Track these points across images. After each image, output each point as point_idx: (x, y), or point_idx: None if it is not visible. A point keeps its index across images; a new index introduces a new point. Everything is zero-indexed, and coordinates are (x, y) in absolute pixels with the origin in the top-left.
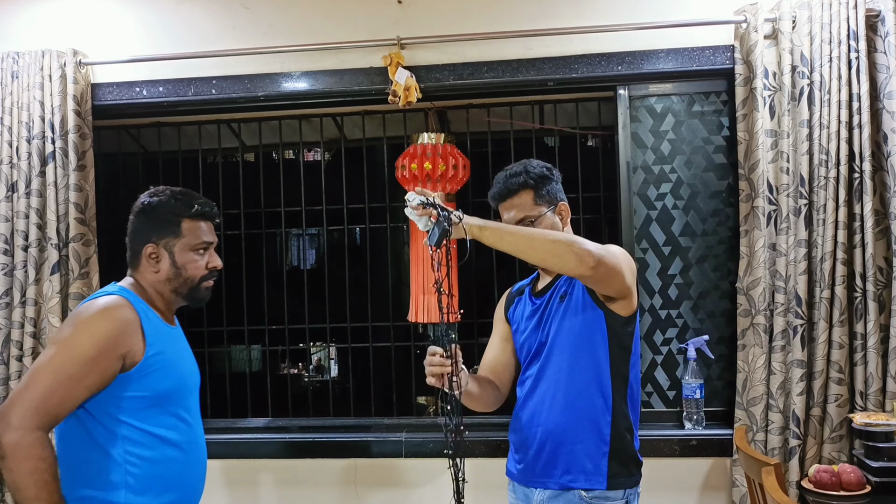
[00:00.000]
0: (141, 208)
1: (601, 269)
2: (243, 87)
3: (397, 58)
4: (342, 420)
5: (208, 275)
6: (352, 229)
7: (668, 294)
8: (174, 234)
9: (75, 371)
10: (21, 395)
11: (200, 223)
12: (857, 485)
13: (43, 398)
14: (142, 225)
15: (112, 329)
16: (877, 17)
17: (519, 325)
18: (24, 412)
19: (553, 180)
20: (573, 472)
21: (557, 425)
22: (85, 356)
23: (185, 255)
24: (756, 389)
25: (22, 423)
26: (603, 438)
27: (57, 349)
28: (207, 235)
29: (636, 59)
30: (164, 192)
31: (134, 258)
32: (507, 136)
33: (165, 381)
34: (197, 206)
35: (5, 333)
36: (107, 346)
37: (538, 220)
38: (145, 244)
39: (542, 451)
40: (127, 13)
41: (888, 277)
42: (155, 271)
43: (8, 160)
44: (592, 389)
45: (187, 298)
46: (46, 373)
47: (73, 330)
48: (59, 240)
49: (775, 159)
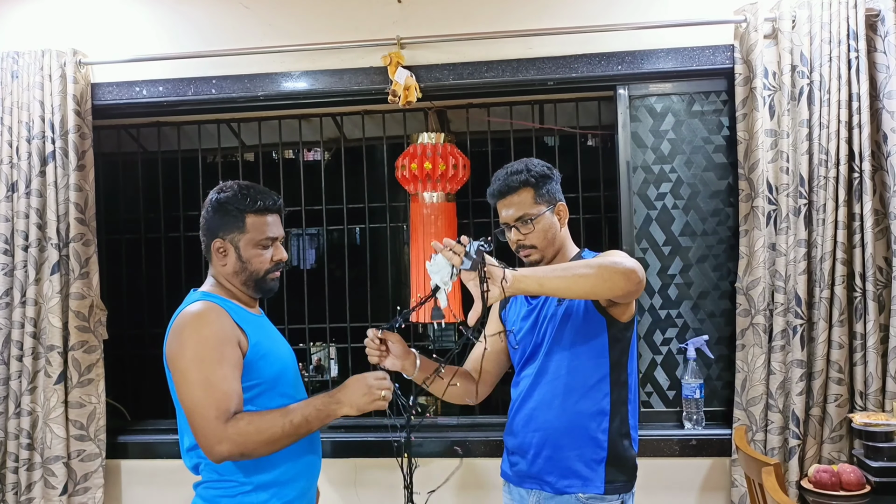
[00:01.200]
0: (209, 204)
1: (643, 280)
2: (243, 87)
3: (397, 57)
4: (342, 420)
5: (274, 267)
6: (352, 229)
7: (668, 294)
8: (239, 229)
9: (217, 362)
10: (197, 420)
11: (266, 217)
12: (857, 485)
13: (213, 404)
14: (210, 220)
15: (216, 321)
16: (876, 17)
17: (513, 325)
18: (210, 427)
19: (553, 180)
20: (569, 478)
21: (555, 429)
22: (215, 347)
23: (250, 250)
24: (756, 389)
25: (216, 435)
26: (600, 444)
27: (189, 363)
28: (272, 230)
29: (636, 58)
30: (230, 186)
31: (207, 252)
32: (507, 135)
33: (271, 366)
34: (260, 201)
35: (5, 333)
36: (223, 334)
37: (537, 218)
38: (213, 239)
39: (538, 455)
40: (127, 13)
41: (888, 277)
42: (223, 265)
43: (8, 160)
44: (591, 394)
45: (256, 290)
46: (199, 386)
47: (188, 341)
48: (59, 240)
49: (775, 159)
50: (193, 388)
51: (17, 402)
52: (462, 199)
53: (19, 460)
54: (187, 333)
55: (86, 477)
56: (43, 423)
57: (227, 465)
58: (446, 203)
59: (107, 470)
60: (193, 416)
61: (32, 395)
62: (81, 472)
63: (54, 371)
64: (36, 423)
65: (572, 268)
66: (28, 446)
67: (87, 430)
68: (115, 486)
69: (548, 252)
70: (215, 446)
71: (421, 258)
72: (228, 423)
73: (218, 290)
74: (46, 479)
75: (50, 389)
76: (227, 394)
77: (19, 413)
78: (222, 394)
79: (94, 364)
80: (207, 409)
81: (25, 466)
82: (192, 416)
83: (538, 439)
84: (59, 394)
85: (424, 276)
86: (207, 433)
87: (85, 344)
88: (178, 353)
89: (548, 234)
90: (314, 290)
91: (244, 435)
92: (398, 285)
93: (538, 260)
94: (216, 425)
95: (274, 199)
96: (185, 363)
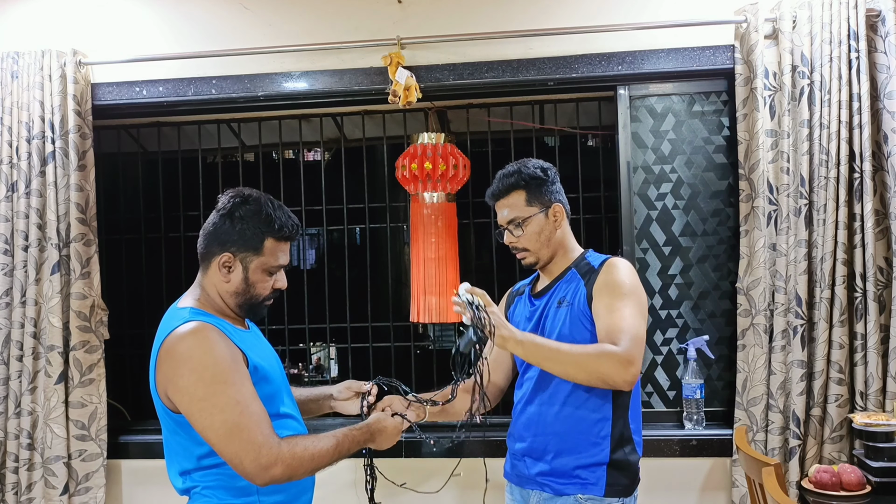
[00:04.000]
0: (228, 211)
1: (635, 379)
2: (243, 87)
3: (397, 58)
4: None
5: (271, 294)
6: (352, 229)
7: (669, 294)
8: (255, 250)
9: (241, 382)
10: (238, 445)
11: (283, 244)
12: (858, 485)
13: (256, 427)
14: (223, 231)
15: (221, 339)
16: (877, 17)
17: (518, 326)
18: (262, 450)
19: (547, 181)
20: (570, 481)
21: (555, 433)
22: (231, 366)
23: (258, 274)
24: (756, 389)
25: (269, 457)
26: (601, 449)
27: (209, 386)
28: (285, 258)
29: (636, 58)
30: (255, 199)
31: (206, 258)
32: (507, 135)
33: (270, 385)
34: (286, 228)
35: (5, 333)
36: (232, 353)
37: (528, 220)
38: (222, 251)
39: (539, 458)
40: (127, 13)
41: (888, 277)
42: (225, 281)
43: (8, 160)
44: (592, 399)
45: (247, 313)
46: (230, 409)
47: (200, 362)
48: (59, 240)
49: (775, 159)
50: (224, 412)
51: (18, 402)
52: (462, 199)
53: (19, 460)
54: (197, 355)
55: (87, 477)
56: (43, 423)
57: (237, 490)
58: (446, 203)
59: (108, 470)
60: (232, 442)
61: (33, 395)
62: (83, 472)
63: (54, 371)
64: (36, 423)
65: (572, 357)
66: (28, 446)
67: (89, 430)
68: (116, 485)
69: (542, 254)
70: (269, 469)
71: (421, 258)
72: (282, 445)
73: (206, 305)
74: (47, 479)
75: (50, 389)
76: (262, 414)
77: (19, 413)
78: (259, 415)
79: (95, 364)
80: (252, 433)
81: (26, 466)
82: (229, 441)
83: (539, 443)
84: (60, 394)
85: (425, 276)
86: (259, 456)
87: (86, 344)
88: (190, 378)
89: (540, 237)
90: (314, 290)
91: (299, 459)
92: (398, 285)
93: (533, 262)
94: (268, 448)
95: (296, 224)
96: (202, 388)
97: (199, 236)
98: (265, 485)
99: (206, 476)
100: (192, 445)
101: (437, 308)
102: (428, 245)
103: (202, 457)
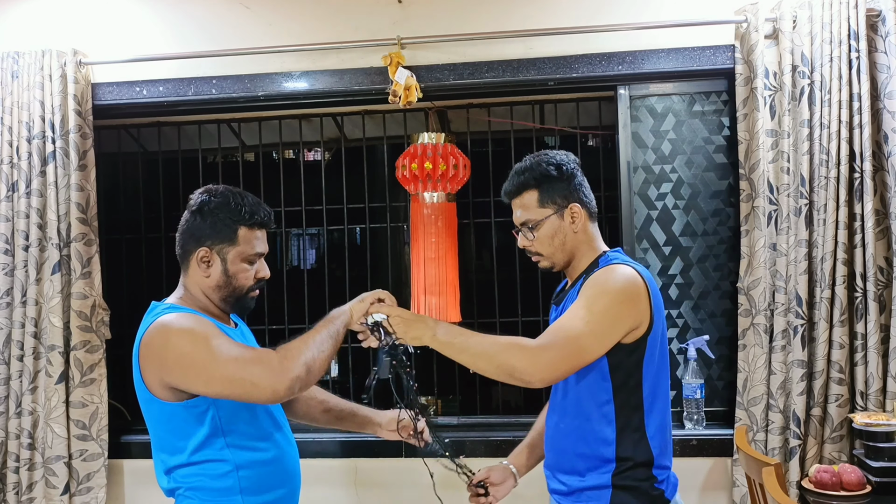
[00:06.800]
0: (198, 207)
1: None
2: (243, 87)
3: (397, 57)
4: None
5: (255, 284)
6: (352, 229)
7: (669, 294)
8: (230, 240)
9: (223, 338)
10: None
11: (257, 231)
12: (858, 485)
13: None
14: (196, 226)
15: (192, 316)
16: (877, 17)
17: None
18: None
19: (561, 180)
20: (578, 497)
21: (563, 451)
22: (204, 325)
23: (238, 264)
24: (756, 389)
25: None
26: (606, 472)
27: (192, 351)
28: (261, 246)
29: (636, 58)
30: (222, 192)
31: (184, 258)
32: (507, 135)
33: None
34: (256, 214)
35: (6, 333)
36: (205, 322)
37: (541, 223)
38: (198, 247)
39: (552, 475)
40: (128, 13)
41: (888, 277)
42: (206, 276)
43: (8, 160)
44: (594, 419)
45: (233, 307)
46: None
47: (178, 339)
48: (59, 239)
49: (776, 159)
50: (214, 364)
51: (18, 402)
52: (462, 199)
53: (20, 460)
54: (175, 328)
55: (88, 477)
56: (44, 422)
57: (219, 491)
58: (447, 203)
59: (109, 470)
60: (235, 383)
61: (33, 394)
62: (84, 471)
63: (55, 371)
64: (37, 422)
65: (482, 350)
66: (29, 446)
67: (90, 430)
68: (117, 485)
69: (557, 259)
70: (286, 372)
71: (421, 258)
72: (272, 354)
73: (188, 303)
74: (47, 479)
75: (51, 389)
76: (248, 347)
77: (20, 413)
78: (243, 346)
79: (96, 364)
80: (246, 364)
81: (26, 466)
82: (234, 378)
83: (551, 459)
84: (60, 393)
85: (425, 276)
86: (266, 374)
87: (87, 343)
88: (178, 348)
89: (554, 241)
90: (314, 290)
91: (296, 350)
92: (399, 285)
93: (549, 267)
94: (267, 363)
95: (267, 212)
96: (190, 349)
97: (176, 238)
98: (291, 389)
99: (189, 476)
100: (177, 440)
101: (438, 308)
102: (428, 245)
103: (190, 451)
